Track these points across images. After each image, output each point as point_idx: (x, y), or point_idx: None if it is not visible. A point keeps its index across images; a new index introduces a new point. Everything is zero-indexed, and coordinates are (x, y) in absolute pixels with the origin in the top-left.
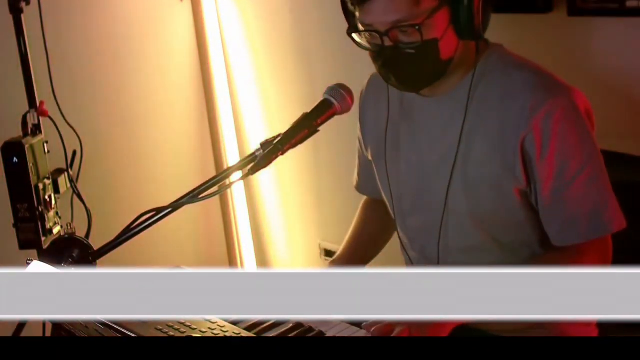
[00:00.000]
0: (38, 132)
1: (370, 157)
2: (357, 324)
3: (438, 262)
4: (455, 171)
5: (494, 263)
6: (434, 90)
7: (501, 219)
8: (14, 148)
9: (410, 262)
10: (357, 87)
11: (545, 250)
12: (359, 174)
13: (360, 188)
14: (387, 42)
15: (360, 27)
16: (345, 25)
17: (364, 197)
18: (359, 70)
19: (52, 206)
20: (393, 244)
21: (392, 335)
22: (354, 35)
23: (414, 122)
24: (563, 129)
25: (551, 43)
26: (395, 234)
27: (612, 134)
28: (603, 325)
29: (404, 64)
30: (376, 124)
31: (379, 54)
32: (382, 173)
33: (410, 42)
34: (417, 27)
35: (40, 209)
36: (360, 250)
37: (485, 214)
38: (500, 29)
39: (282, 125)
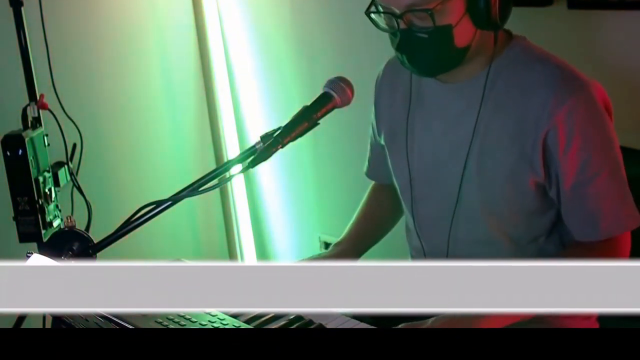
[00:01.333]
0: (38, 125)
1: (382, 142)
2: (358, 317)
3: (447, 252)
4: (470, 161)
5: (500, 257)
6: (454, 77)
7: (512, 211)
8: (14, 141)
9: (415, 250)
10: (357, 80)
11: (553, 246)
12: (369, 160)
13: (370, 174)
14: (402, 25)
15: (379, 7)
16: (346, 16)
17: (371, 183)
18: (359, 62)
19: (52, 199)
20: (396, 235)
21: None
22: (372, 15)
23: (429, 107)
24: (586, 125)
25: (551, 36)
26: (399, 222)
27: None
28: (603, 320)
29: (417, 48)
30: (391, 109)
31: (394, 35)
32: (395, 158)
33: (423, 26)
34: (429, 12)
35: (40, 202)
36: (366, 233)
37: (497, 205)
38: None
39: (282, 118)
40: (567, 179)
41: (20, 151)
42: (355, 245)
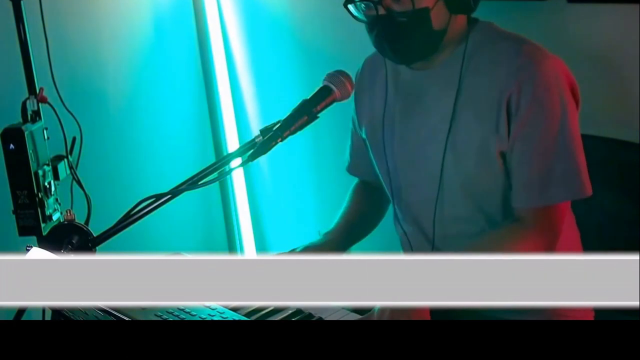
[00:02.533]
0: (38, 119)
1: (364, 136)
2: (357, 311)
3: (433, 233)
4: (447, 141)
5: (479, 234)
6: (427, 63)
7: (485, 186)
8: (14, 134)
9: (405, 236)
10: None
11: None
12: (351, 155)
13: (351, 169)
14: (381, 11)
15: None
16: (344, 9)
17: (354, 182)
18: (359, 55)
19: (52, 193)
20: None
21: None
22: (350, 7)
23: (407, 97)
24: (541, 93)
25: (550, 30)
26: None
27: (609, 121)
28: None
29: (397, 34)
30: (371, 103)
31: (373, 24)
32: (377, 149)
33: (402, 10)
34: None
35: (39, 196)
36: (354, 227)
37: (471, 180)
38: (500, 16)
39: (281, 111)
40: (517, 141)
41: (19, 145)
42: (344, 236)
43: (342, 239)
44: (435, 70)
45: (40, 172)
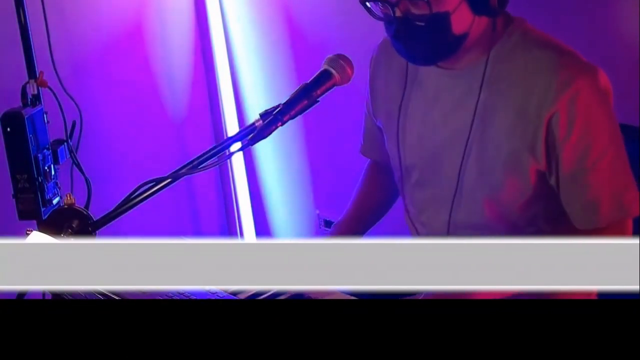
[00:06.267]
0: (37, 103)
1: (378, 124)
2: (357, 295)
3: (448, 233)
4: (469, 147)
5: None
6: (453, 64)
7: (511, 196)
8: (14, 118)
9: (417, 233)
10: (356, 59)
11: (550, 227)
12: (364, 138)
13: (365, 151)
14: (398, 13)
15: None
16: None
17: (368, 161)
18: (359, 40)
19: (52, 177)
20: (398, 214)
21: None
22: (368, 4)
23: (427, 93)
24: (588, 111)
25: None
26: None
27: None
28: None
29: (414, 37)
30: (387, 91)
31: (390, 24)
32: (392, 141)
33: (419, 14)
34: (425, 0)
35: (39, 180)
36: (365, 214)
37: (496, 191)
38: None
39: (281, 95)
40: (568, 165)
41: (19, 129)
42: (355, 226)
43: (353, 229)
44: (461, 72)
45: (40, 156)
